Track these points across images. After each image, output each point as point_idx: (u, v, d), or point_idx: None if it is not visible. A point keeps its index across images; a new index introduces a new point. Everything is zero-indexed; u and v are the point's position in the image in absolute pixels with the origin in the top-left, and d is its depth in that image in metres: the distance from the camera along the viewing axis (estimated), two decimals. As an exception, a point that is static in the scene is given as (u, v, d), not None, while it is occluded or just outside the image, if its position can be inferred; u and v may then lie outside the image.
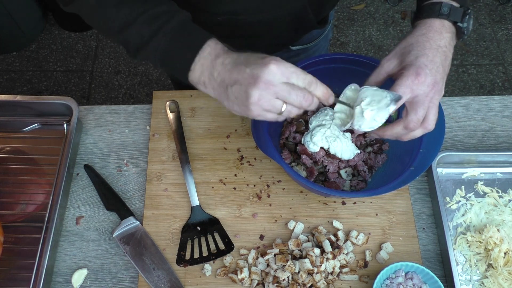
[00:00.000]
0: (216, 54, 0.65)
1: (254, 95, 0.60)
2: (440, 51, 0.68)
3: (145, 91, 2.21)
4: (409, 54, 0.68)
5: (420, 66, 0.66)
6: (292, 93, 0.62)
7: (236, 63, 0.63)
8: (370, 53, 2.33)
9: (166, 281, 0.81)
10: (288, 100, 0.62)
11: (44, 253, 0.80)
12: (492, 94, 2.22)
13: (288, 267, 0.79)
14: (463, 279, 0.84)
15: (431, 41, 0.68)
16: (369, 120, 0.68)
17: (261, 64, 0.60)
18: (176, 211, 0.89)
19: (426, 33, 0.69)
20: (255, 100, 0.61)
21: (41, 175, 0.93)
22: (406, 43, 0.70)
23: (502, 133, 0.99)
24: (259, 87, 0.60)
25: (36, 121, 0.96)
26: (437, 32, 0.69)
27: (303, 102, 0.63)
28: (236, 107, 0.64)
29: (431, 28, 0.70)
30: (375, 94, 0.68)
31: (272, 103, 0.62)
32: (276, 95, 0.61)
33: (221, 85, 0.64)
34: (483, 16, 2.47)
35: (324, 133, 0.85)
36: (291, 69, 0.62)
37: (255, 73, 0.60)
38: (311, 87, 0.63)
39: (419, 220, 0.89)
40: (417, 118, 0.67)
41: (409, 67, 0.66)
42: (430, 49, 0.68)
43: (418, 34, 0.70)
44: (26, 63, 2.27)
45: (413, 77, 0.65)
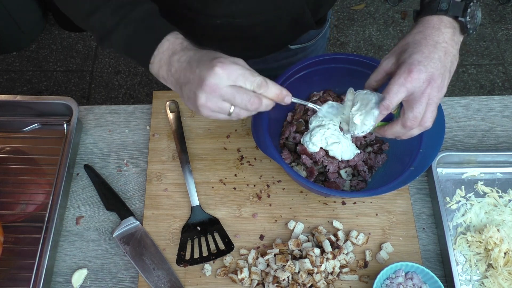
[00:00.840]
0: (174, 50, 0.65)
1: (201, 97, 0.61)
2: (439, 47, 0.67)
3: (145, 91, 2.21)
4: (404, 52, 0.68)
5: (413, 63, 0.65)
6: (237, 97, 0.61)
7: (189, 61, 0.63)
8: (370, 53, 2.33)
9: (166, 281, 0.81)
10: (234, 103, 0.62)
11: (44, 253, 0.80)
12: (492, 94, 2.22)
13: (288, 267, 0.79)
14: (463, 279, 0.84)
15: (428, 38, 0.68)
16: (360, 125, 0.69)
17: (208, 66, 0.60)
18: (176, 211, 0.89)
19: (423, 30, 0.69)
20: (202, 102, 0.61)
21: (41, 175, 0.93)
22: (403, 41, 0.70)
23: (502, 133, 0.99)
24: (205, 90, 0.60)
25: (36, 121, 0.96)
26: (434, 28, 0.68)
27: (249, 106, 0.62)
28: (190, 106, 0.65)
29: (428, 25, 0.69)
30: (364, 98, 0.69)
31: (219, 105, 0.62)
32: (222, 98, 0.61)
33: (177, 82, 0.65)
34: (483, 16, 2.47)
35: (323, 133, 0.85)
36: (238, 72, 0.61)
37: (201, 75, 0.61)
38: (260, 90, 0.63)
39: (419, 220, 0.89)
40: (414, 116, 0.66)
41: (402, 65, 0.66)
42: (426, 46, 0.67)
43: (415, 32, 0.69)
44: (26, 63, 2.27)
45: (406, 75, 0.65)
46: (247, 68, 0.63)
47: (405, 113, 0.67)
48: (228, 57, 0.63)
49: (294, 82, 0.88)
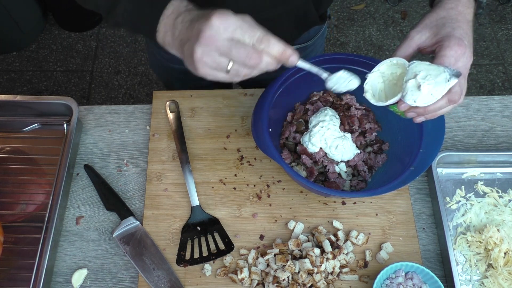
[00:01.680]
0: (178, 13, 0.62)
1: (198, 51, 0.57)
2: (470, 25, 0.69)
3: (145, 91, 2.21)
4: (444, 26, 0.67)
5: (461, 38, 0.65)
6: (233, 50, 0.57)
7: (191, 20, 0.60)
8: (370, 53, 2.33)
9: (166, 281, 0.81)
10: (231, 57, 0.58)
11: (44, 253, 0.80)
12: (492, 94, 2.22)
13: (288, 267, 0.79)
14: (463, 279, 0.84)
15: (462, 15, 0.69)
16: (426, 94, 0.64)
17: (205, 19, 0.57)
18: (176, 211, 0.89)
19: (456, 7, 0.69)
20: (198, 56, 0.58)
21: (41, 175, 0.93)
22: (436, 15, 0.69)
23: (502, 133, 0.99)
24: (201, 43, 0.57)
25: (36, 121, 0.96)
26: (465, 6, 0.70)
27: (247, 60, 0.57)
28: (190, 67, 0.61)
29: (459, 3, 0.70)
30: (430, 68, 0.65)
31: (216, 60, 0.58)
32: (219, 51, 0.57)
33: (180, 44, 0.62)
34: (483, 16, 2.47)
35: (323, 134, 0.85)
36: (236, 23, 0.57)
37: (199, 28, 0.57)
38: (261, 45, 0.58)
39: (419, 220, 0.89)
40: (461, 90, 0.66)
41: (449, 38, 0.66)
42: (463, 23, 0.68)
43: (447, 7, 0.70)
44: (26, 63, 2.27)
45: (457, 48, 0.65)
46: (247, 21, 0.59)
47: (453, 88, 0.65)
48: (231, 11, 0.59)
49: (294, 82, 0.88)
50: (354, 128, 0.89)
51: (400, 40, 2.38)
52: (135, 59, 2.30)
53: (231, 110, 0.99)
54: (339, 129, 0.87)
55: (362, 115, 0.90)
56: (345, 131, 0.89)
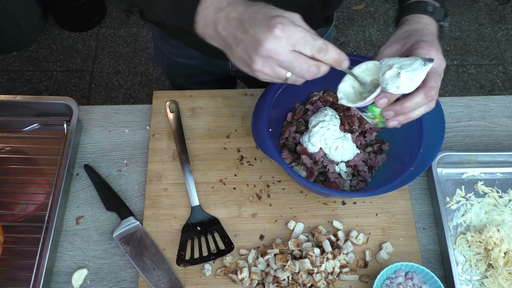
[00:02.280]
0: (219, 6, 0.61)
1: (258, 62, 0.58)
2: (435, 37, 0.71)
3: (145, 91, 2.21)
4: (411, 36, 0.69)
5: (430, 42, 0.67)
6: (295, 65, 0.58)
7: (241, 20, 0.59)
8: (370, 53, 2.33)
9: (166, 281, 0.81)
10: (292, 71, 0.59)
11: (44, 253, 0.80)
12: (492, 94, 2.22)
13: (288, 267, 0.79)
14: (463, 279, 0.84)
15: (427, 29, 0.71)
16: (406, 81, 0.64)
17: (265, 27, 0.56)
18: (176, 211, 0.89)
19: (421, 21, 0.72)
20: (258, 67, 0.58)
21: (41, 175, 0.93)
22: (402, 30, 0.71)
23: (502, 133, 0.99)
24: (261, 55, 0.57)
25: (36, 121, 0.96)
26: (428, 22, 0.72)
27: (307, 75, 0.60)
28: (242, 67, 0.61)
29: (422, 20, 0.72)
30: (401, 60, 0.66)
31: (276, 70, 0.59)
32: (279, 64, 0.58)
33: (226, 41, 0.61)
34: (483, 16, 2.47)
35: (322, 134, 0.85)
36: (298, 35, 0.57)
37: (258, 38, 0.57)
38: (320, 54, 0.59)
39: (419, 220, 0.89)
40: (436, 86, 0.66)
41: (419, 42, 0.67)
42: (430, 34, 0.70)
43: (412, 23, 0.72)
44: (26, 63, 2.27)
45: (428, 48, 0.66)
46: (307, 30, 0.59)
47: (428, 83, 0.65)
48: (286, 14, 0.58)
49: (294, 82, 0.88)
50: (354, 128, 0.89)
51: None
52: (135, 59, 2.30)
53: (231, 110, 0.99)
54: (339, 129, 0.87)
55: (362, 115, 0.90)
56: (345, 131, 0.89)
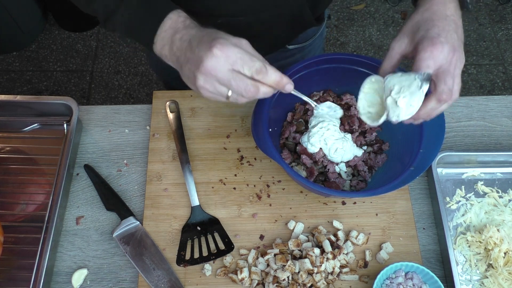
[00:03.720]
0: (176, 29, 0.65)
1: (200, 79, 0.61)
2: (449, 20, 0.68)
3: (145, 91, 2.21)
4: (418, 30, 0.68)
5: (434, 36, 0.65)
6: (233, 83, 0.60)
7: (190, 41, 0.63)
8: (370, 53, 2.33)
9: (166, 281, 0.81)
10: (231, 88, 0.61)
11: (44, 253, 0.80)
12: (492, 94, 2.22)
13: (288, 267, 0.79)
14: (463, 279, 0.84)
15: (437, 13, 0.68)
16: (405, 108, 0.65)
17: (207, 47, 0.59)
18: (176, 211, 0.89)
19: (430, 7, 0.69)
20: (200, 84, 0.61)
21: (41, 175, 0.93)
22: (412, 21, 0.70)
23: (502, 133, 0.99)
24: (202, 72, 0.60)
25: (36, 121, 0.96)
26: (440, 3, 0.69)
27: (245, 93, 0.61)
28: (189, 85, 0.65)
29: (433, 2, 0.70)
30: (401, 80, 0.66)
31: (216, 88, 0.61)
32: (219, 81, 0.61)
33: (177, 61, 0.65)
34: (483, 16, 2.47)
35: (322, 134, 0.85)
36: (237, 55, 0.60)
37: (200, 56, 0.60)
38: (258, 76, 0.61)
39: (419, 220, 0.89)
40: (448, 88, 0.65)
41: (423, 40, 0.66)
42: (439, 20, 0.67)
43: (422, 10, 0.70)
44: (26, 63, 2.27)
45: (431, 48, 0.64)
46: (247, 51, 0.61)
47: (438, 87, 0.65)
48: (230, 37, 0.61)
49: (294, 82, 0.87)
50: (354, 128, 0.89)
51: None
52: (135, 59, 2.30)
53: (231, 110, 0.99)
54: (339, 129, 0.87)
55: (362, 115, 0.90)
56: (345, 131, 0.89)
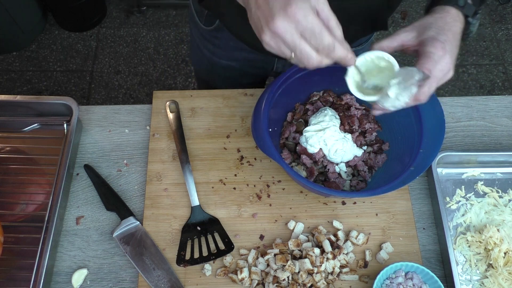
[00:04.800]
0: None
1: (267, 34, 0.59)
2: (457, 37, 0.71)
3: (145, 91, 2.21)
4: (429, 29, 0.70)
5: (443, 42, 0.68)
6: (297, 51, 0.59)
7: None
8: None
9: (166, 281, 0.81)
10: (295, 54, 0.61)
11: (44, 253, 0.80)
12: (492, 94, 2.22)
13: (288, 267, 0.79)
14: (463, 279, 0.84)
15: (449, 25, 0.71)
16: (393, 99, 0.68)
17: (282, 4, 0.57)
18: (176, 211, 0.89)
19: (444, 17, 0.72)
20: (266, 39, 0.59)
21: (41, 175, 0.93)
22: (425, 21, 0.72)
23: (502, 133, 0.99)
24: (270, 30, 0.58)
25: (36, 121, 0.96)
26: (453, 18, 0.72)
27: (306, 64, 0.61)
28: (255, 32, 0.62)
29: (448, 14, 0.72)
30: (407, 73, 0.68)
31: (281, 48, 0.60)
32: (284, 43, 0.59)
33: (248, 2, 0.62)
34: (483, 16, 2.47)
35: (321, 136, 0.84)
36: (308, 25, 0.57)
37: (273, 12, 0.58)
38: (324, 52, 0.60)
39: (419, 220, 0.89)
40: (429, 91, 0.68)
41: (433, 39, 0.68)
42: (449, 31, 0.70)
43: (436, 16, 0.72)
44: (26, 63, 2.27)
45: (439, 49, 0.67)
46: (319, 22, 0.58)
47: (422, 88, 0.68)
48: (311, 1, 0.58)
49: (294, 82, 0.88)
50: (354, 128, 0.89)
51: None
52: (135, 59, 2.30)
53: (231, 110, 0.99)
54: (339, 129, 0.87)
55: (362, 115, 0.90)
56: (345, 131, 0.88)
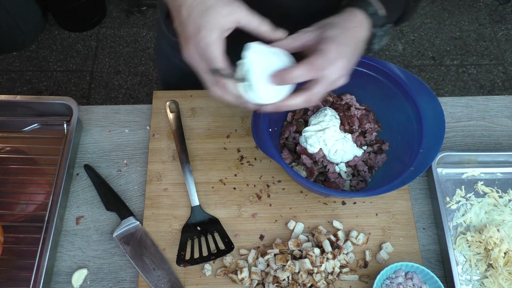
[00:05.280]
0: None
1: (184, 57, 0.66)
2: (358, 43, 0.69)
3: (145, 91, 2.21)
4: (331, 29, 0.67)
5: (342, 43, 0.65)
6: (202, 78, 0.66)
7: (181, 8, 0.66)
8: (370, 53, 2.33)
9: (166, 281, 0.81)
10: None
11: (44, 253, 0.80)
12: (492, 94, 2.22)
13: (288, 267, 0.79)
14: (463, 279, 0.84)
15: (354, 30, 0.69)
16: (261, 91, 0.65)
17: (187, 35, 0.64)
18: (176, 211, 0.89)
19: (350, 20, 0.69)
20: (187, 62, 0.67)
21: (41, 175, 0.93)
22: (330, 20, 0.69)
23: (502, 133, 0.99)
24: (183, 56, 0.66)
25: (36, 121, 0.96)
26: (358, 23, 0.70)
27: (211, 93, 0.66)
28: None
29: (355, 18, 0.70)
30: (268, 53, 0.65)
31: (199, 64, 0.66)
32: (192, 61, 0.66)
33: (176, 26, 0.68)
34: (483, 16, 2.47)
35: (321, 136, 0.84)
36: (200, 58, 0.64)
37: (182, 38, 0.66)
38: (214, 85, 0.66)
39: (419, 220, 0.89)
40: (321, 92, 0.66)
41: (331, 41, 0.65)
42: (352, 36, 0.68)
43: (343, 17, 0.69)
44: (26, 63, 2.27)
45: (334, 50, 0.64)
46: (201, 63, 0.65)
47: (313, 88, 0.65)
48: (215, 27, 0.63)
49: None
50: (354, 128, 0.89)
51: (400, 40, 2.39)
52: (135, 59, 2.30)
53: (231, 110, 0.99)
54: (339, 129, 0.87)
55: (362, 115, 0.90)
56: (345, 131, 0.88)
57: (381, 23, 0.73)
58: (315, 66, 0.64)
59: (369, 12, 0.71)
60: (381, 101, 0.91)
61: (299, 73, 0.64)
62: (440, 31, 2.42)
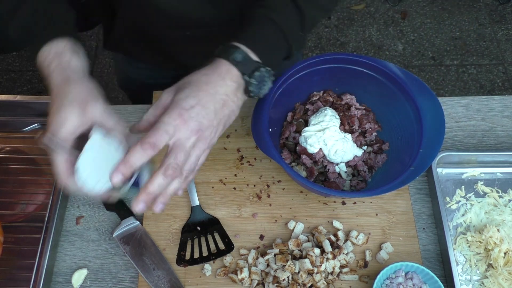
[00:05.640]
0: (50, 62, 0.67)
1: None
2: (218, 98, 0.63)
3: (145, 91, 2.21)
4: (182, 91, 0.63)
5: (186, 108, 0.61)
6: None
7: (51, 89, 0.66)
8: (370, 53, 2.33)
9: (166, 281, 0.81)
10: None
11: (44, 253, 0.80)
12: (492, 94, 2.22)
13: (288, 267, 0.79)
14: (463, 279, 0.84)
15: (211, 85, 0.64)
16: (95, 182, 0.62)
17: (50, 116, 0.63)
18: (176, 211, 0.89)
19: (210, 74, 0.65)
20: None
21: (41, 175, 0.93)
22: (187, 79, 0.65)
23: (502, 133, 0.99)
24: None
25: (36, 121, 0.96)
26: (220, 77, 0.64)
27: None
28: None
29: (216, 70, 0.65)
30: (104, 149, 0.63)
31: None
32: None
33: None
34: (483, 16, 2.47)
35: (321, 136, 0.85)
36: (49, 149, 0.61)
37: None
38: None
39: (419, 220, 0.89)
40: (176, 163, 0.60)
41: (175, 106, 0.61)
42: (206, 93, 0.63)
43: (202, 73, 0.65)
44: (26, 63, 2.27)
45: (176, 117, 0.60)
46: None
47: (168, 159, 0.60)
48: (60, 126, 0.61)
49: (294, 82, 0.88)
50: (354, 128, 0.89)
51: (400, 40, 2.39)
52: (135, 59, 2.30)
53: (231, 110, 0.99)
54: (339, 129, 0.87)
55: (362, 115, 0.91)
56: (345, 131, 0.89)
57: (250, 69, 0.66)
58: (151, 140, 0.59)
59: (237, 59, 0.65)
60: (381, 101, 0.91)
61: (137, 156, 0.60)
62: (440, 31, 2.42)
